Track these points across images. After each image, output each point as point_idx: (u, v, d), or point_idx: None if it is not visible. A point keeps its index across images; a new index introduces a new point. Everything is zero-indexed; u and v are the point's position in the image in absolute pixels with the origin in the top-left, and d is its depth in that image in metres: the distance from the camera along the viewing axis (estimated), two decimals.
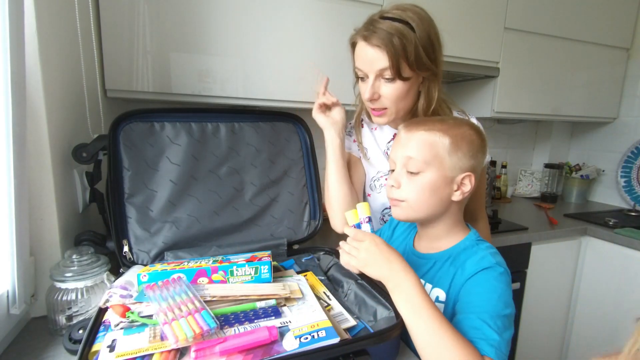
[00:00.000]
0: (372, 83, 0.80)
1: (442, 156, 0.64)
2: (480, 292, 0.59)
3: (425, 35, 0.76)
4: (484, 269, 0.61)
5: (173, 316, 0.52)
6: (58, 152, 0.76)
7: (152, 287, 0.59)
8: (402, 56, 0.75)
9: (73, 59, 0.86)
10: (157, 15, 1.08)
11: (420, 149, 0.65)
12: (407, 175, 0.66)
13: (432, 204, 0.66)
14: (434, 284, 0.68)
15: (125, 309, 0.57)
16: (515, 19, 1.57)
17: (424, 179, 0.65)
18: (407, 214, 0.68)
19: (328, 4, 1.26)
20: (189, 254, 0.79)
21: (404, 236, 0.80)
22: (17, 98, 0.60)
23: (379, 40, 0.75)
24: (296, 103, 1.29)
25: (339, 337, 0.51)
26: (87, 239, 0.80)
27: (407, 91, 0.81)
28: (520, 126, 2.18)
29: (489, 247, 0.67)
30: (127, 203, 0.79)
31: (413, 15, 0.76)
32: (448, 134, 0.65)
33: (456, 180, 0.65)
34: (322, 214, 0.97)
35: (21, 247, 0.64)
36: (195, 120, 0.86)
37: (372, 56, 0.77)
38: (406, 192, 0.66)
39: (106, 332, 0.54)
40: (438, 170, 0.65)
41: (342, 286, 0.70)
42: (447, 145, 0.64)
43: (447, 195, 0.66)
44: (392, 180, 0.67)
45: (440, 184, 0.65)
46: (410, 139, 0.67)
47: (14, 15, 0.58)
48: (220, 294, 0.60)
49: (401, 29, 0.74)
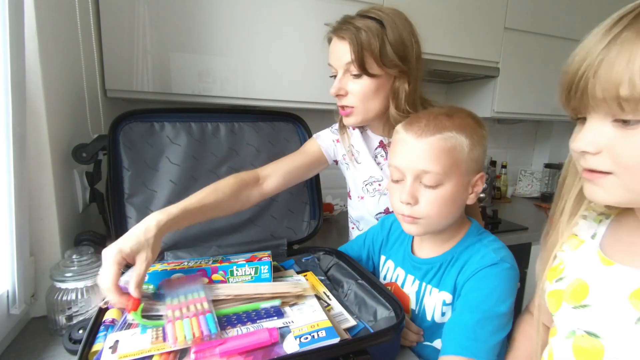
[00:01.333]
0: (340, 78, 0.77)
1: (460, 160, 0.58)
2: (481, 289, 0.57)
3: (397, 33, 0.74)
4: (487, 267, 0.58)
5: (179, 315, 0.52)
6: (58, 152, 0.76)
7: (169, 281, 0.60)
8: (367, 49, 0.73)
9: (73, 59, 0.86)
10: (157, 15, 1.08)
11: (439, 160, 0.57)
12: (424, 189, 0.59)
13: (452, 214, 0.61)
14: (440, 287, 0.64)
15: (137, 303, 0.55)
16: (515, 19, 1.57)
17: (444, 192, 0.58)
18: (425, 230, 0.62)
19: (328, 4, 1.26)
20: (189, 254, 0.79)
21: (401, 241, 0.75)
22: (17, 98, 0.60)
23: (345, 32, 0.74)
24: (296, 103, 1.29)
25: (339, 337, 0.51)
26: (87, 238, 0.80)
27: (375, 90, 0.77)
28: (520, 126, 2.18)
29: (492, 241, 0.63)
30: (127, 203, 0.79)
31: (386, 15, 0.75)
32: (462, 131, 0.58)
33: (471, 183, 0.60)
34: (322, 214, 0.97)
35: (21, 247, 0.64)
36: (195, 120, 0.86)
37: (339, 50, 0.76)
38: (426, 209, 0.59)
39: (106, 332, 0.54)
40: (457, 178, 0.58)
41: (342, 286, 0.70)
42: (465, 146, 0.57)
43: (464, 201, 0.61)
44: (407, 196, 0.59)
45: (460, 193, 0.59)
46: (422, 147, 0.58)
47: (14, 15, 0.58)
48: (234, 293, 0.60)
49: (369, 24, 0.73)
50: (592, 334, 0.42)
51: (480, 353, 0.53)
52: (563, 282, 0.48)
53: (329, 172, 0.96)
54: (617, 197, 0.40)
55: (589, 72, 0.37)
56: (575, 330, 0.44)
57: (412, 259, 0.69)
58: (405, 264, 0.71)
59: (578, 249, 0.49)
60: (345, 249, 0.84)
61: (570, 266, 0.49)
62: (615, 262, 0.43)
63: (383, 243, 0.79)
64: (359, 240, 0.84)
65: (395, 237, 0.76)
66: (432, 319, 0.64)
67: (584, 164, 0.41)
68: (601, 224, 0.49)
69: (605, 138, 0.38)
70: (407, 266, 0.70)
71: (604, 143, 0.38)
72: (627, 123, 0.36)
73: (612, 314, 0.41)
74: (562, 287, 0.48)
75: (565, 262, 0.50)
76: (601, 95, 0.36)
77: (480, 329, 0.55)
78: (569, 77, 0.40)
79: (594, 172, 0.40)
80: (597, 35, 0.38)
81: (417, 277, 0.67)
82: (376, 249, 0.80)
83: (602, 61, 0.36)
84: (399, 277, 0.71)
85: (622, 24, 0.36)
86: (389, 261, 0.75)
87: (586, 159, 0.41)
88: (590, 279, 0.45)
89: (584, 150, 0.40)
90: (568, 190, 0.50)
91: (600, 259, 0.45)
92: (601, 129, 0.39)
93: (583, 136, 0.40)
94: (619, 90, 0.35)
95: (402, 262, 0.72)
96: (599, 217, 0.50)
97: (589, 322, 0.43)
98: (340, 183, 1.74)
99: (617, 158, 0.38)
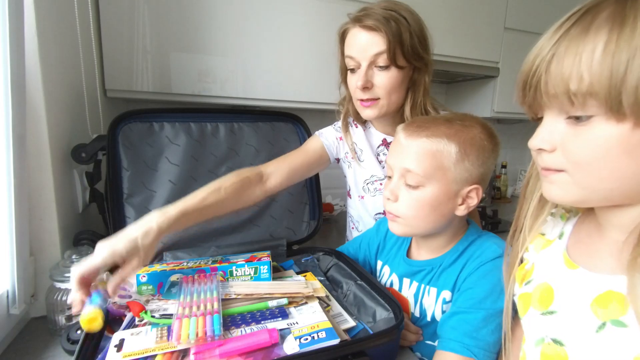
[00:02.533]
0: (365, 71, 0.75)
1: (446, 167, 0.57)
2: (484, 285, 0.57)
3: (418, 26, 0.75)
4: (490, 260, 0.58)
5: (188, 313, 0.52)
6: (58, 152, 0.76)
7: (188, 279, 0.61)
8: (398, 41, 0.72)
9: (73, 59, 0.86)
10: (157, 15, 1.08)
11: (421, 161, 0.57)
12: (405, 188, 0.59)
13: (432, 220, 0.60)
14: (439, 286, 0.63)
15: (140, 308, 0.57)
16: (515, 19, 1.57)
17: (424, 194, 0.58)
18: (404, 230, 0.62)
19: (328, 4, 1.26)
20: (188, 254, 0.79)
21: (398, 245, 0.74)
22: (17, 98, 0.60)
23: (375, 22, 0.71)
24: (296, 103, 1.29)
25: (339, 338, 0.51)
26: (86, 238, 0.80)
27: (400, 82, 0.76)
28: (520, 126, 2.18)
29: (493, 236, 0.63)
30: (126, 203, 0.79)
31: (404, 8, 0.75)
32: (455, 139, 0.57)
33: (461, 194, 0.58)
34: (321, 215, 0.97)
35: (21, 247, 0.64)
36: (194, 121, 0.86)
37: (366, 41, 0.73)
38: (403, 207, 0.60)
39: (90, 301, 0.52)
40: (440, 184, 0.57)
41: (341, 287, 0.70)
42: (453, 154, 0.56)
43: (449, 210, 0.59)
44: (388, 192, 0.60)
45: (442, 199, 0.58)
46: (409, 146, 0.59)
47: (14, 15, 0.58)
48: (245, 292, 0.61)
49: (395, 15, 0.73)
50: (557, 341, 0.42)
51: (480, 352, 0.53)
52: (530, 284, 0.48)
53: (328, 172, 0.96)
54: (571, 194, 0.40)
55: (541, 68, 0.37)
56: (544, 338, 0.44)
57: (409, 263, 0.69)
58: (401, 269, 0.70)
59: (545, 250, 0.48)
60: (342, 251, 0.84)
61: (537, 268, 0.48)
62: (579, 266, 0.42)
63: (380, 247, 0.78)
64: (355, 243, 0.84)
65: (392, 242, 0.75)
66: (432, 319, 0.64)
67: (540, 162, 0.42)
68: (568, 222, 0.48)
69: (559, 136, 0.38)
70: (403, 271, 0.69)
71: (558, 141, 0.39)
72: (579, 120, 0.36)
73: (575, 321, 0.40)
74: (530, 290, 0.47)
75: (534, 263, 0.49)
76: (553, 91, 0.37)
77: (482, 327, 0.55)
78: (523, 75, 0.40)
79: (549, 170, 0.41)
80: (549, 32, 0.39)
81: (415, 280, 0.67)
82: (372, 253, 0.79)
83: (552, 57, 0.37)
84: (394, 283, 0.71)
85: (570, 20, 0.37)
86: (386, 267, 0.74)
87: (542, 157, 0.41)
88: (555, 283, 0.44)
89: (540, 147, 0.40)
90: (531, 192, 0.49)
91: (564, 261, 0.44)
92: (555, 126, 0.39)
93: (538, 134, 0.41)
94: (569, 84, 0.35)
95: (398, 268, 0.71)
96: (565, 214, 0.49)
97: (555, 329, 0.42)
98: (340, 183, 1.74)
99: (569, 155, 0.38)
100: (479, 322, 0.55)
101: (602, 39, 0.33)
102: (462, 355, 0.53)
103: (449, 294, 0.62)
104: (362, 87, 0.76)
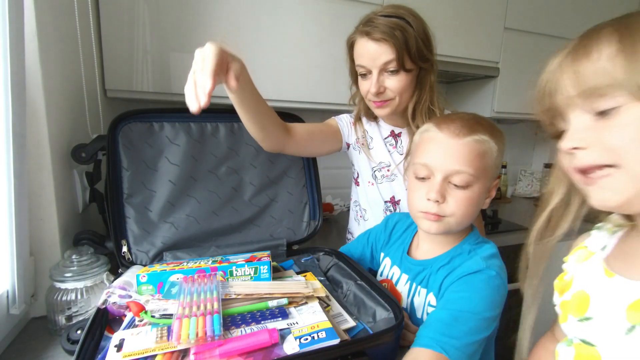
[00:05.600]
0: (377, 78, 0.81)
1: (489, 165, 0.60)
2: (462, 292, 0.58)
3: (421, 29, 0.80)
4: (472, 273, 0.59)
5: (188, 313, 0.52)
6: (58, 152, 0.76)
7: (188, 279, 0.61)
8: (405, 49, 0.78)
9: (73, 59, 0.86)
10: (157, 15, 1.08)
11: (473, 161, 0.58)
12: (452, 188, 0.60)
13: (473, 216, 0.62)
14: (428, 288, 0.65)
15: (140, 308, 0.57)
16: (515, 19, 1.56)
17: (472, 193, 0.59)
18: (447, 228, 0.62)
19: (328, 4, 1.26)
20: (188, 254, 0.79)
21: (402, 240, 0.76)
22: (17, 98, 0.60)
23: (381, 34, 0.77)
24: (296, 103, 1.29)
25: (339, 338, 0.51)
26: (86, 238, 0.80)
27: (409, 82, 0.82)
28: (520, 126, 2.17)
29: (487, 249, 0.63)
30: (126, 203, 0.79)
31: (406, 12, 0.79)
32: (494, 138, 0.60)
33: (489, 188, 0.62)
34: (321, 214, 0.97)
35: (21, 247, 0.64)
36: (194, 121, 0.86)
37: (375, 51, 0.79)
38: (453, 207, 0.60)
39: None
40: (484, 181, 0.60)
41: (341, 287, 0.70)
42: (495, 152, 0.60)
43: (482, 204, 0.63)
44: (437, 195, 0.59)
45: (483, 195, 0.61)
46: (457, 147, 0.59)
47: (14, 15, 0.58)
48: (245, 292, 0.61)
49: (400, 23, 0.77)
50: (587, 342, 0.42)
51: (450, 349, 0.52)
52: (569, 293, 0.49)
53: (328, 172, 0.96)
54: (625, 192, 0.38)
55: (560, 70, 0.39)
56: (572, 339, 0.45)
57: (407, 260, 0.70)
58: (401, 263, 0.72)
59: (587, 261, 0.49)
60: (348, 248, 0.85)
61: (577, 278, 0.49)
62: (615, 274, 0.43)
63: (385, 241, 0.80)
64: (363, 238, 0.85)
65: (397, 236, 0.78)
66: (420, 319, 0.65)
67: (577, 163, 0.41)
68: (613, 235, 0.48)
69: (591, 132, 0.39)
70: (402, 266, 0.71)
71: (591, 137, 0.39)
72: (604, 114, 0.37)
73: (607, 325, 0.41)
74: (568, 299, 0.48)
75: (573, 275, 0.50)
76: (574, 91, 0.38)
77: (454, 326, 0.54)
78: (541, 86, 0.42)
79: (594, 169, 0.39)
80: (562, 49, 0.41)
81: (410, 278, 0.69)
82: (378, 247, 0.81)
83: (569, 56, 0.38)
84: (394, 275, 0.72)
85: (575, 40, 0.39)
86: (387, 259, 0.77)
87: (579, 156, 0.40)
88: (592, 291, 0.45)
89: (575, 146, 0.40)
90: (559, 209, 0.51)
91: (604, 270, 0.45)
92: (584, 124, 0.39)
93: (570, 135, 0.41)
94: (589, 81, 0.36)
95: (398, 262, 0.73)
96: (612, 229, 0.49)
97: (588, 332, 0.43)
98: (340, 183, 1.74)
99: (609, 144, 0.37)
100: (450, 320, 0.55)
101: (615, 39, 0.35)
102: (433, 350, 0.52)
103: (434, 298, 0.63)
104: (376, 93, 0.82)
